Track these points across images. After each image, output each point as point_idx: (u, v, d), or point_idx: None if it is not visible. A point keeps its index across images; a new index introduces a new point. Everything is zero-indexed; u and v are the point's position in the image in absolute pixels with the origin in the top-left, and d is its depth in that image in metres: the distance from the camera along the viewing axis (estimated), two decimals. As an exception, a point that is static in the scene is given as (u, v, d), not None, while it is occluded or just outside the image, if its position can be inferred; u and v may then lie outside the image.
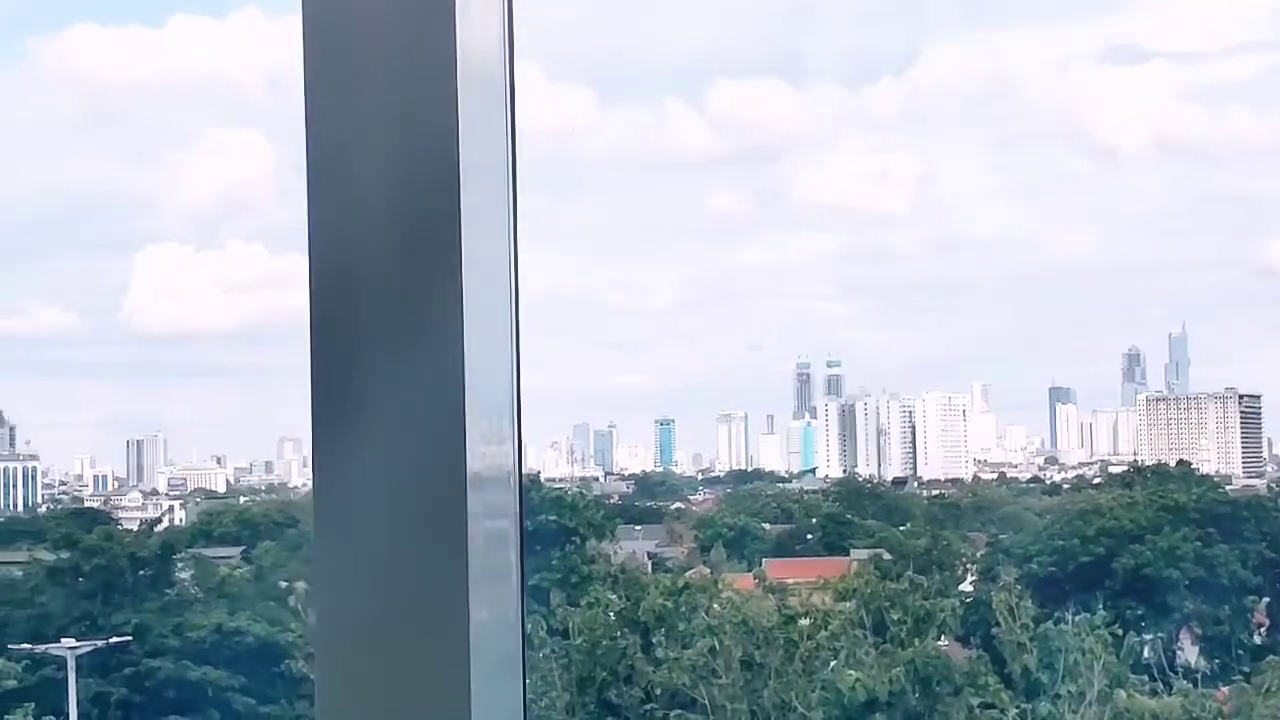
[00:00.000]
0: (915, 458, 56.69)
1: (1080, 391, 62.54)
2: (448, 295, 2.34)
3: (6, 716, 34.40)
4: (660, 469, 57.65)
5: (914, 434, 57.11)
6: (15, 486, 54.67)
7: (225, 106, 57.44)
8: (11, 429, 55.15)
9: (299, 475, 59.66)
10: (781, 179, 62.78)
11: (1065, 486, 53.77)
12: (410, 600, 2.36)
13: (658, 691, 35.56)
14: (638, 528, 47.18)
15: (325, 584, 2.44)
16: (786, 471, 57.83)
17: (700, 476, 58.89)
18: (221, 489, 57.68)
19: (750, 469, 58.21)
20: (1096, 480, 52.73)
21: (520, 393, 2.59)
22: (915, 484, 55.71)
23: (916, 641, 35.55)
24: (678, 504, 52.31)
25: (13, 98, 57.43)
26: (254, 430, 60.52)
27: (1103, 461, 57.92)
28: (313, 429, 2.43)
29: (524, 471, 2.66)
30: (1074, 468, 58.57)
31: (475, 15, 2.41)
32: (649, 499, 52.08)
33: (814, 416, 58.77)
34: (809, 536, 48.96)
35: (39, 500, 54.93)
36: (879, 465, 57.26)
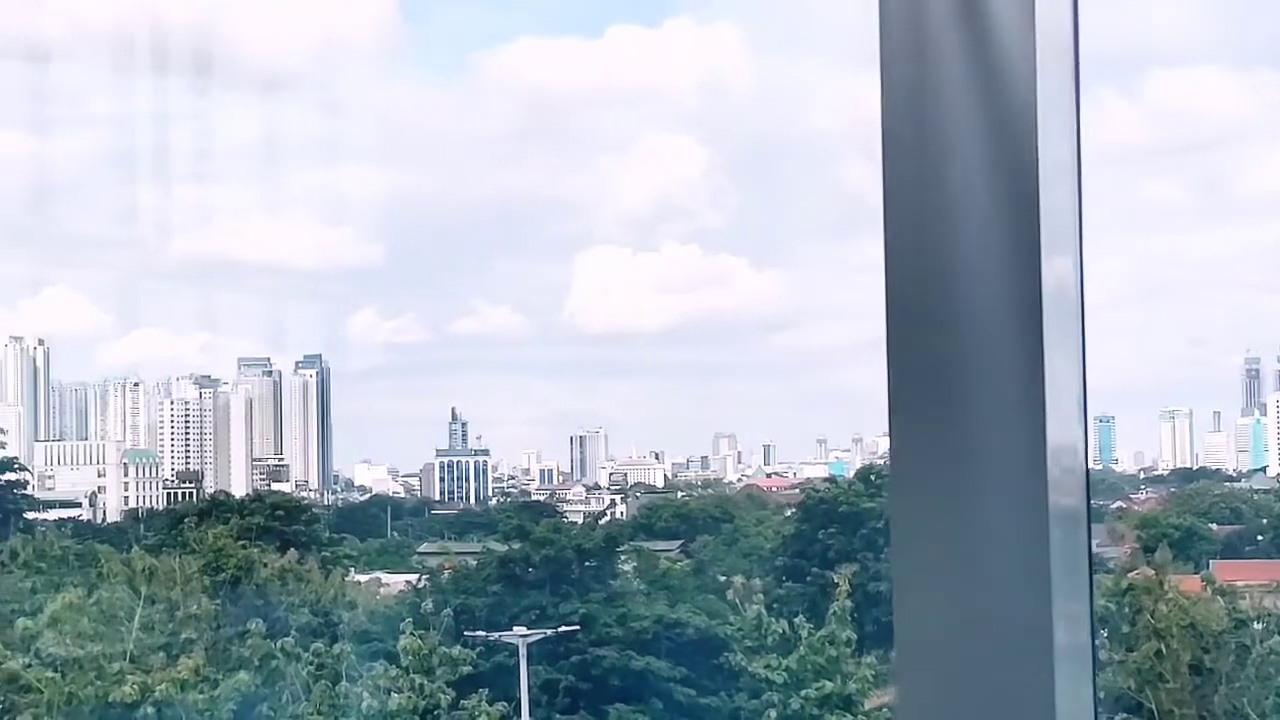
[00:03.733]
0: (1376, 456, 53.70)
1: None
2: (1028, 297, 2.38)
3: (462, 701, 35.76)
4: (1100, 466, 56.16)
5: (1375, 432, 54.11)
6: (468, 480, 57.11)
7: (658, 112, 58.71)
8: (464, 425, 57.69)
9: (734, 470, 60.51)
10: (1223, 168, 60.28)
11: None
12: (992, 592, 2.39)
13: (1101, 695, 34.72)
14: (1078, 527, 46.05)
15: (905, 577, 2.49)
16: (1235, 470, 55.56)
17: (1142, 475, 57.17)
18: (660, 484, 58.99)
19: (1195, 467, 56.18)
20: None
21: (1086, 386, 2.59)
22: (1376, 484, 52.78)
23: (1381, 650, 33.73)
24: (1119, 503, 50.89)
25: (461, 108, 60.03)
26: (690, 426, 61.72)
27: None
28: (890, 426, 2.49)
29: (1089, 463, 2.66)
30: None
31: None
32: (1090, 497, 50.93)
33: (1264, 413, 56.25)
34: (1260, 538, 46.97)
35: (489, 493, 57.26)
36: (1336, 464, 54.47)
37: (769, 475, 59.27)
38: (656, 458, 60.41)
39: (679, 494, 56.41)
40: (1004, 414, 2.41)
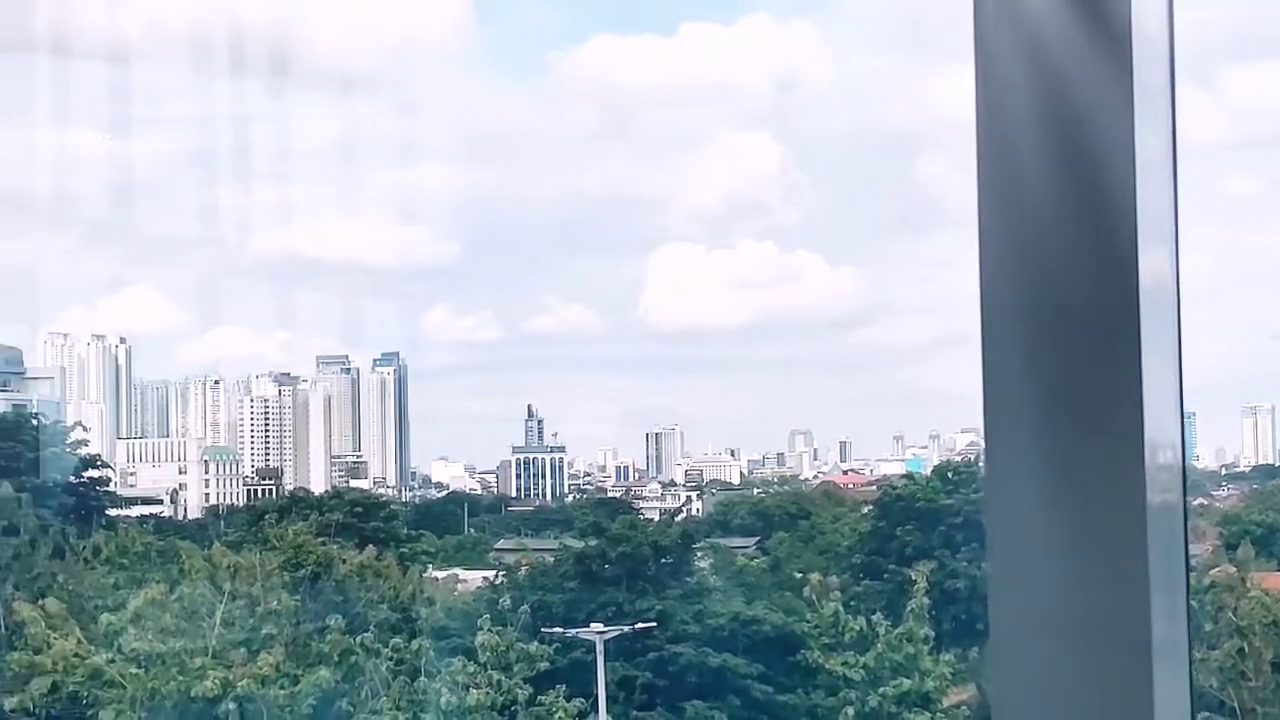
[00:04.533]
0: None
1: None
2: (1125, 293, 2.37)
3: (540, 697, 35.84)
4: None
5: None
6: (544, 477, 57.29)
7: (734, 109, 58.68)
8: (540, 422, 57.87)
9: (810, 467, 60.36)
10: (1307, 163, 59.62)
11: None
12: (1089, 588, 2.39)
13: (1183, 693, 34.39)
14: (1157, 524, 45.58)
15: (1000, 574, 2.49)
16: (1318, 466, 54.95)
17: (1224, 471, 56.59)
18: (735, 480, 58.95)
19: (1278, 463, 55.56)
20: None
21: (1182, 381, 2.58)
22: None
23: None
24: (1200, 500, 50.39)
25: (536, 107, 60.22)
26: (765, 423, 61.65)
27: None
28: (985, 423, 2.49)
29: (1187, 458, 2.65)
30: None
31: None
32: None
33: (1347, 409, 55.58)
34: (1343, 535, 46.43)
35: (566, 490, 57.42)
36: None
37: (845, 472, 59.13)
38: (732, 454, 60.39)
39: (755, 491, 56.35)
40: (1101, 410, 2.41)
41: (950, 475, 47.12)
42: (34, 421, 50.28)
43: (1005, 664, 2.49)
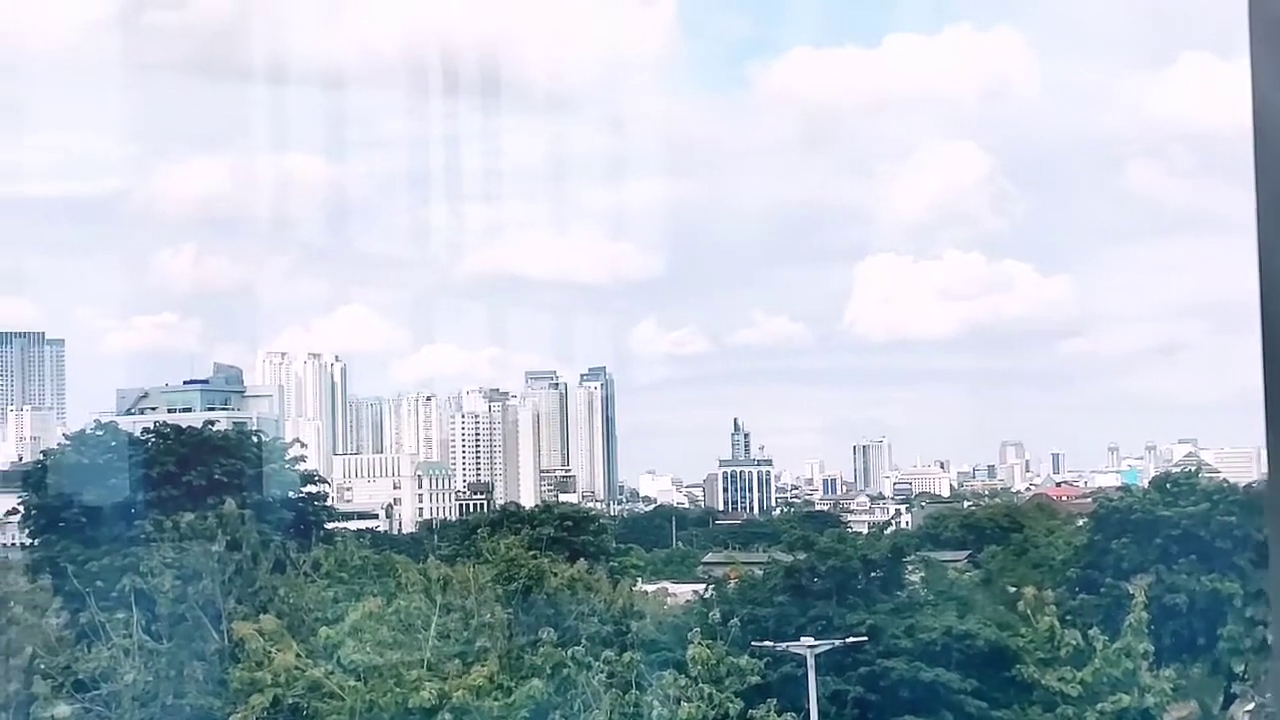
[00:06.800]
0: None
1: None
2: None
3: (750, 711, 35.78)
4: None
5: None
6: (751, 490, 57.41)
7: (938, 119, 58.34)
8: (746, 435, 58.07)
9: (1021, 480, 59.57)
10: None
11: None
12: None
13: None
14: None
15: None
16: None
17: None
18: (945, 493, 58.46)
19: None
20: None
21: None
22: None
23: None
24: None
25: (736, 119, 60.34)
26: (975, 434, 61.12)
27: None
28: (1268, 439, 2.42)
29: None
30: None
31: None
32: None
33: None
34: None
35: (773, 503, 57.40)
36: None
37: (1058, 484, 58.50)
38: (941, 467, 60.01)
39: (965, 503, 55.86)
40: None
41: (1169, 487, 46.12)
42: (254, 438, 51.57)
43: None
